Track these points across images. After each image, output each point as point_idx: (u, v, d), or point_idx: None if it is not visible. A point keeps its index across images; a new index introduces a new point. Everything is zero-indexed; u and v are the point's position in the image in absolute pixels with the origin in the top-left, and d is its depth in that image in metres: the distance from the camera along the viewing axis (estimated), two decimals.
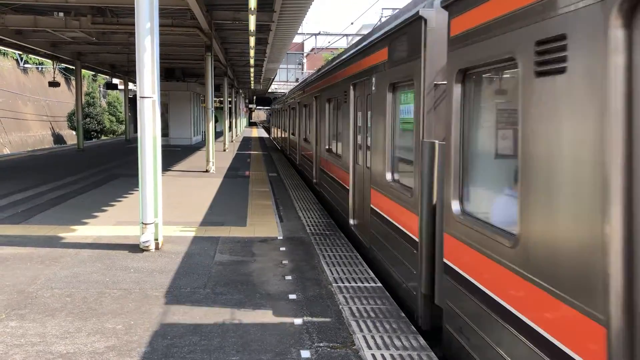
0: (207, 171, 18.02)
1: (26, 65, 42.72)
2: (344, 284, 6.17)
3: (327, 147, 11.71)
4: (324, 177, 12.23)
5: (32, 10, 16.80)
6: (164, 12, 15.37)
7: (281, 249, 7.84)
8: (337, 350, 4.46)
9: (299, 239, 8.44)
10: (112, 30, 18.71)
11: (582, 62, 2.63)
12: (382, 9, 21.63)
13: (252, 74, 33.15)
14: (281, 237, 8.56)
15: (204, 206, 11.36)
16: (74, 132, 36.01)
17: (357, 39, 16.62)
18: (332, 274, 6.52)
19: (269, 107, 70.75)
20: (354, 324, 4.98)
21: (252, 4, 11.68)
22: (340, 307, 5.44)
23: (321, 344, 4.57)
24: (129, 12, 15.90)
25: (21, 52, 31.53)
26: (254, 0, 11.58)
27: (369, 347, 4.49)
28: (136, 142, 7.78)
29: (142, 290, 5.94)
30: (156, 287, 6.05)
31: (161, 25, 8.53)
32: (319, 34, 39.84)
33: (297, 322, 5.05)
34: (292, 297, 5.75)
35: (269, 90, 61.03)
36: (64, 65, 33.41)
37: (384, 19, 15.09)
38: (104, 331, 4.80)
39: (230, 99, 36.58)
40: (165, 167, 16.21)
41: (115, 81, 41.61)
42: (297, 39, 41.41)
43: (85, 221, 9.57)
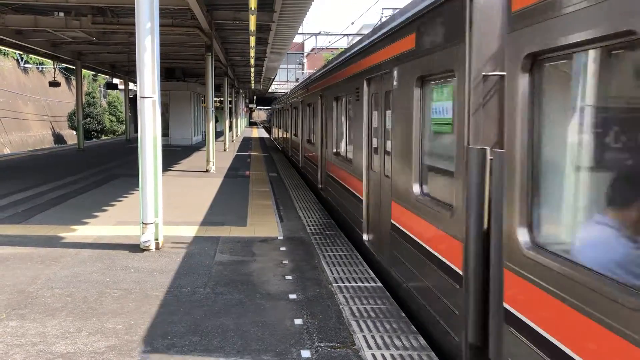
0: (207, 171, 18.02)
1: (26, 65, 42.77)
2: (344, 283, 6.17)
3: (335, 150, 10.73)
4: (330, 182, 11.15)
5: (32, 10, 16.82)
6: (164, 12, 15.38)
7: (281, 248, 7.84)
8: (337, 350, 4.47)
9: (299, 239, 8.44)
10: (113, 30, 18.72)
11: None
12: (383, 9, 21.61)
13: (252, 74, 33.15)
14: (281, 237, 8.56)
15: (205, 206, 11.36)
16: (74, 132, 36.04)
17: (357, 39, 16.55)
18: (333, 274, 6.53)
19: (269, 107, 70.76)
20: (354, 323, 4.99)
21: (253, 4, 11.68)
22: (340, 307, 5.44)
23: (321, 344, 4.57)
24: (129, 12, 15.90)
25: (21, 52, 31.53)
26: (254, 0, 11.58)
27: (369, 347, 4.49)
28: (136, 142, 7.78)
29: (142, 290, 5.95)
30: (156, 287, 6.05)
31: (161, 25, 8.54)
32: (319, 34, 39.91)
33: (298, 321, 5.06)
34: (292, 297, 5.76)
35: (269, 90, 61.10)
36: (64, 65, 33.43)
37: (384, 19, 14.99)
38: (105, 331, 4.80)
39: (230, 99, 36.57)
40: (165, 167, 16.24)
41: (115, 81, 41.65)
42: (298, 39, 41.55)
43: (85, 221, 9.57)
